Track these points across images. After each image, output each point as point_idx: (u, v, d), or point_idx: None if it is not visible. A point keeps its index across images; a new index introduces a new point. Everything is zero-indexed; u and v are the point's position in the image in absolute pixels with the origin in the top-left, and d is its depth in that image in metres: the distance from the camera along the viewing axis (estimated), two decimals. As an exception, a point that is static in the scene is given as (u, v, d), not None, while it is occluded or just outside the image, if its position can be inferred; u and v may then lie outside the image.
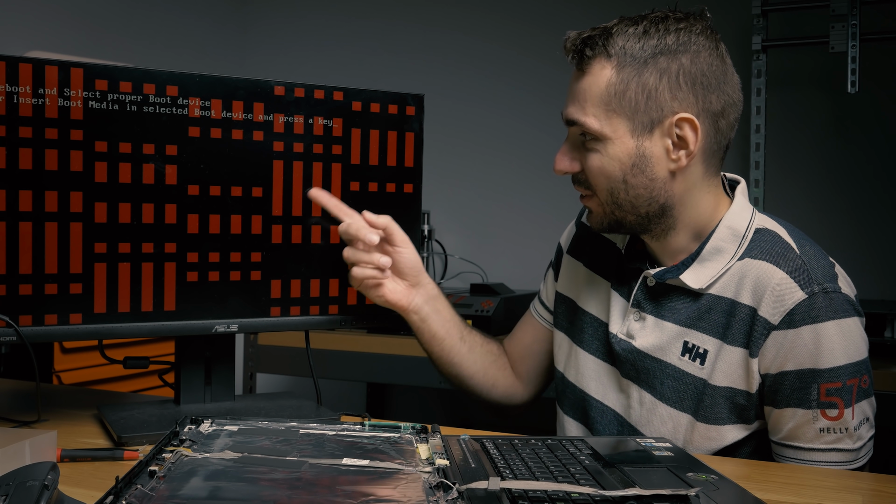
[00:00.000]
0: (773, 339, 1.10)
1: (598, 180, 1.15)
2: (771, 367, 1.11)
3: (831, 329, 1.09)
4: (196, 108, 1.17)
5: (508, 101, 2.93)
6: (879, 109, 2.48)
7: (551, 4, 2.86)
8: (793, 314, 1.09)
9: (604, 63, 1.11)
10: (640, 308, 1.21)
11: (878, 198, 2.49)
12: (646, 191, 1.14)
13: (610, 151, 1.12)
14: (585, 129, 1.13)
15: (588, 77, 1.12)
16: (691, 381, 1.16)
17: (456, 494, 0.80)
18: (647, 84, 1.10)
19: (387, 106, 1.30)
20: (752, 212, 1.20)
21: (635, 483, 0.86)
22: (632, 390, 1.21)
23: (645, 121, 1.11)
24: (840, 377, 1.09)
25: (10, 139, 1.07)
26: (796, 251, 1.14)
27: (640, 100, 1.11)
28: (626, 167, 1.12)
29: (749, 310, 1.12)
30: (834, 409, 1.09)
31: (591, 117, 1.12)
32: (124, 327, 1.15)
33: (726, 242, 1.16)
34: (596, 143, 1.13)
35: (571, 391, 1.30)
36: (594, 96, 1.12)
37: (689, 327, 1.16)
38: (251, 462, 0.88)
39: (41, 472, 0.76)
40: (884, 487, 1.00)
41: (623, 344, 1.21)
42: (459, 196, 2.99)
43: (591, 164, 1.14)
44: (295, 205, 1.24)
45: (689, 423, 1.16)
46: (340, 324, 1.30)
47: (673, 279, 1.18)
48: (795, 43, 2.50)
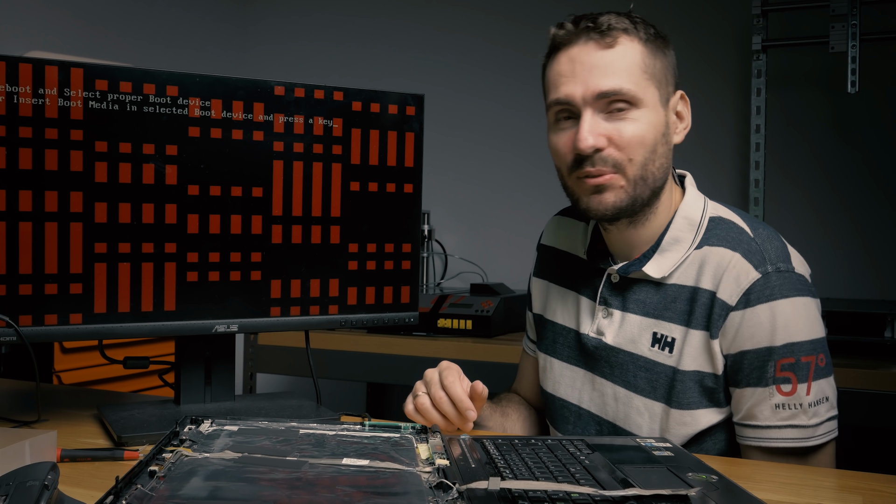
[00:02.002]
0: (731, 320, 1.14)
1: (634, 149, 1.15)
2: (731, 348, 1.15)
3: (786, 306, 1.12)
4: (196, 108, 1.17)
5: (508, 101, 2.93)
6: (879, 109, 2.48)
7: (551, 4, 2.86)
8: (748, 294, 1.13)
9: (631, 37, 1.16)
10: (606, 304, 1.24)
11: (878, 198, 2.49)
12: (666, 161, 1.19)
13: (647, 118, 1.16)
14: (626, 97, 1.14)
15: (619, 48, 1.15)
16: (662, 370, 1.19)
17: (456, 494, 0.80)
18: (665, 60, 1.18)
19: (387, 106, 1.30)
20: (704, 201, 1.24)
21: (635, 483, 0.86)
22: (605, 388, 1.24)
23: (664, 93, 1.18)
24: (794, 353, 1.12)
25: (10, 139, 1.07)
26: (750, 234, 1.18)
27: (664, 72, 1.18)
28: (658, 135, 1.17)
29: (709, 294, 1.16)
30: (787, 384, 1.12)
31: (633, 84, 1.14)
32: (124, 327, 1.15)
33: (683, 232, 1.20)
34: (632, 111, 1.15)
35: (550, 402, 1.33)
36: (632, 65, 1.15)
37: (655, 318, 1.20)
38: (251, 462, 0.88)
39: (41, 472, 0.76)
40: (884, 487, 1.00)
41: (594, 342, 1.25)
42: (459, 196, 2.99)
43: (628, 133, 1.14)
44: (295, 205, 1.24)
45: (663, 411, 1.18)
46: (340, 324, 1.30)
47: (636, 272, 1.21)
48: (795, 43, 2.50)
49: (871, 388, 1.80)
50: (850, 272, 2.48)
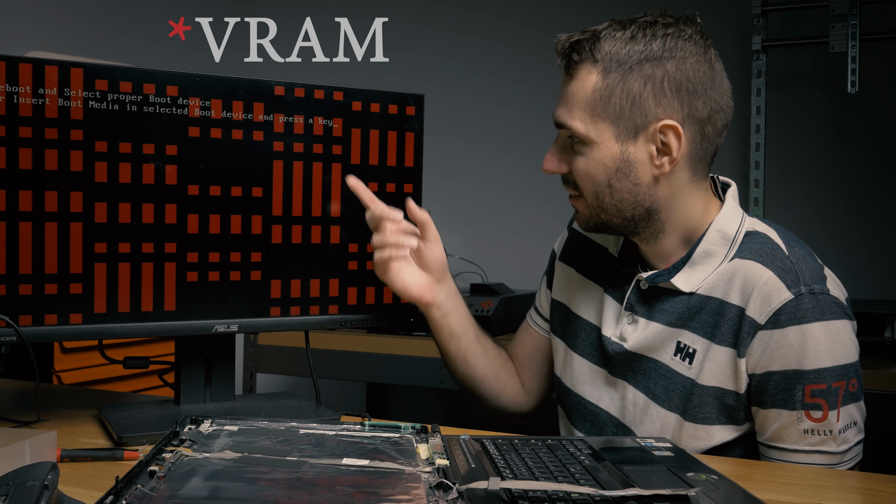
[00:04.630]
0: (760, 339, 1.11)
1: (583, 183, 1.17)
2: (757, 367, 1.12)
3: (817, 330, 1.09)
4: (196, 108, 1.17)
5: (508, 101, 2.93)
6: (879, 109, 2.48)
7: (551, 4, 2.86)
8: (779, 314, 1.10)
9: (590, 68, 1.13)
10: (633, 311, 1.22)
11: (878, 198, 2.48)
12: (630, 195, 1.15)
13: (595, 155, 1.14)
14: (572, 133, 1.14)
15: (575, 81, 1.14)
16: (680, 381, 1.16)
17: (456, 494, 0.80)
18: (632, 90, 1.11)
19: (387, 106, 1.30)
20: (741, 215, 1.20)
21: (635, 483, 0.86)
22: (626, 391, 1.22)
23: (629, 126, 1.12)
24: (825, 379, 1.09)
25: (10, 139, 1.07)
26: (785, 252, 1.14)
27: (625, 105, 1.11)
28: (610, 171, 1.14)
29: (737, 310, 1.13)
30: (818, 411, 1.09)
31: (577, 121, 1.14)
32: (124, 327, 1.15)
33: (716, 246, 1.17)
34: (582, 146, 1.15)
35: (567, 396, 1.31)
36: (581, 100, 1.13)
37: (680, 328, 1.17)
38: (251, 462, 0.88)
39: (41, 472, 0.76)
40: (884, 487, 1.00)
41: (616, 346, 1.22)
42: (459, 196, 2.99)
43: (578, 167, 1.16)
44: (295, 205, 1.24)
45: (676, 423, 1.16)
46: (340, 324, 1.30)
47: (664, 282, 1.18)
48: (795, 43, 2.50)
49: (872, 388, 1.78)
50: (851, 272, 2.47)
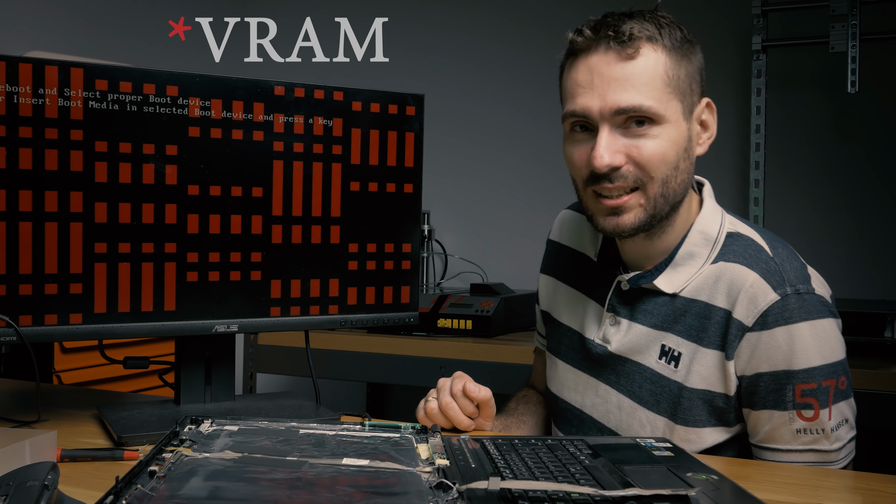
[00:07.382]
0: (748, 341, 1.11)
1: (656, 167, 1.10)
2: (746, 369, 1.11)
3: (804, 330, 1.09)
4: (196, 108, 1.17)
5: (508, 101, 2.93)
6: (879, 109, 2.48)
7: (551, 4, 2.86)
8: (766, 315, 1.10)
9: (655, 46, 1.10)
10: (615, 312, 1.22)
11: (878, 198, 2.48)
12: (687, 176, 1.14)
13: (669, 134, 1.10)
14: (647, 114, 1.08)
15: (640, 60, 1.08)
16: (667, 385, 1.16)
17: (456, 494, 0.80)
18: (690, 68, 1.13)
19: (387, 106, 1.30)
20: (721, 214, 1.20)
21: (635, 483, 0.86)
22: (610, 395, 1.22)
23: (688, 104, 1.13)
24: (815, 378, 1.09)
25: (10, 139, 1.07)
26: (769, 253, 1.14)
27: (687, 82, 1.12)
28: (680, 150, 1.12)
29: (724, 312, 1.13)
30: (810, 410, 1.10)
31: (654, 101, 1.08)
32: (124, 327, 1.15)
33: (698, 247, 1.17)
34: (653, 127, 1.09)
35: (554, 402, 1.32)
36: (653, 79, 1.09)
37: (664, 330, 1.17)
38: (251, 462, 0.88)
39: (41, 472, 0.76)
40: (884, 487, 1.00)
41: (600, 349, 1.22)
42: (459, 196, 2.99)
43: (648, 151, 1.09)
44: (295, 205, 1.24)
45: (665, 426, 1.16)
46: (340, 324, 1.30)
47: (647, 283, 1.18)
48: (795, 43, 2.50)
49: (872, 388, 1.79)
50: (851, 272, 2.48)
